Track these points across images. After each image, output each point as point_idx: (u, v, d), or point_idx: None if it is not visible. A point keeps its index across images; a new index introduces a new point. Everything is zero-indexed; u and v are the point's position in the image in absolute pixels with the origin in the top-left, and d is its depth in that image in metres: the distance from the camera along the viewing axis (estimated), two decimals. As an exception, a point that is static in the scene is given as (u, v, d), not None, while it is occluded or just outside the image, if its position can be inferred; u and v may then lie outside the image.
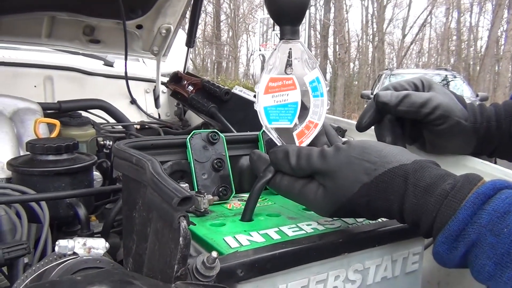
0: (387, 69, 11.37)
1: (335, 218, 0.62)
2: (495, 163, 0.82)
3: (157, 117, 1.67)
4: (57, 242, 0.54)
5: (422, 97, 0.72)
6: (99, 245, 0.55)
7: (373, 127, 0.78)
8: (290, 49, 0.62)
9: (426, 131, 0.76)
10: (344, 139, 1.07)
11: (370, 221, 0.62)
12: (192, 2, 1.50)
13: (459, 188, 0.47)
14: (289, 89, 0.62)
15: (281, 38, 0.63)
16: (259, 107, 0.62)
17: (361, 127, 0.76)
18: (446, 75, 8.72)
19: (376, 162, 0.52)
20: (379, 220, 0.62)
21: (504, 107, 0.77)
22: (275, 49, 0.63)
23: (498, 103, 0.79)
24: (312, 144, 0.62)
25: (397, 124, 0.76)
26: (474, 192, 0.46)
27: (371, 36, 23.38)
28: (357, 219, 0.63)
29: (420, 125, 0.76)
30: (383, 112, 0.74)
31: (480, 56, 21.69)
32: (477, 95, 7.93)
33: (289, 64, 0.62)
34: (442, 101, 0.72)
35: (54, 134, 1.06)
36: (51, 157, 0.82)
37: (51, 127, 1.09)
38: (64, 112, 1.26)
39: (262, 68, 0.61)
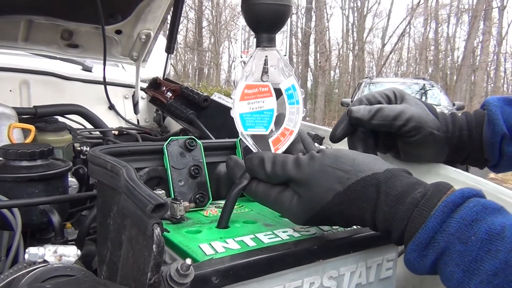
0: (367, 77, 11.52)
1: (310, 226, 0.63)
2: (467, 170, 0.83)
3: (136, 123, 1.66)
4: (27, 250, 0.53)
5: (395, 110, 0.73)
6: (70, 253, 0.54)
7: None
8: (266, 56, 0.63)
9: (400, 142, 0.78)
10: (322, 147, 1.09)
11: (345, 228, 0.63)
12: (172, 8, 1.50)
13: (429, 196, 0.48)
14: (265, 96, 0.63)
15: (257, 46, 0.64)
16: (235, 114, 0.63)
17: (334, 139, 0.77)
18: (424, 84, 8.88)
19: (349, 171, 0.53)
20: (354, 227, 0.62)
21: (475, 116, 0.79)
22: (251, 56, 0.63)
23: (469, 112, 0.81)
24: (288, 151, 0.63)
25: (370, 135, 0.77)
26: (444, 200, 0.47)
27: (351, 45, 23.71)
28: (332, 226, 0.63)
29: (394, 136, 0.78)
30: (357, 125, 0.76)
31: (457, 66, 22.20)
32: (453, 104, 8.10)
33: (265, 71, 0.63)
34: (415, 113, 0.73)
35: (28, 140, 1.04)
36: (24, 163, 0.80)
37: (26, 132, 1.07)
38: (40, 117, 1.24)
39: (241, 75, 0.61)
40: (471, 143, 0.78)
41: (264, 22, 0.62)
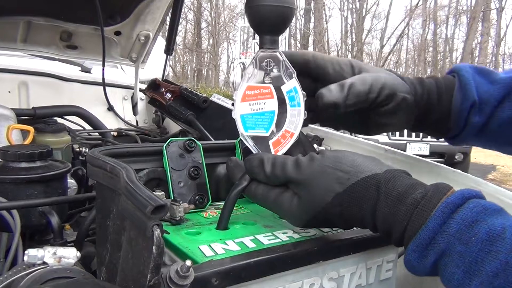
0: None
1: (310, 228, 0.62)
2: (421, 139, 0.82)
3: (135, 124, 1.66)
4: (26, 252, 0.53)
5: (366, 82, 0.66)
6: (69, 255, 0.54)
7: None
8: (269, 58, 0.63)
9: (372, 112, 0.71)
10: (321, 148, 1.09)
11: (345, 230, 0.63)
12: (171, 10, 1.50)
13: (429, 197, 0.48)
14: (266, 97, 0.63)
15: (260, 47, 0.64)
16: (236, 115, 0.63)
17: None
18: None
19: (349, 172, 0.53)
20: (353, 228, 0.62)
21: (444, 82, 0.73)
22: (253, 58, 0.63)
23: (437, 77, 0.76)
24: (288, 153, 0.62)
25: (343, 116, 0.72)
26: (444, 201, 0.47)
27: (350, 46, 23.75)
28: (332, 228, 0.63)
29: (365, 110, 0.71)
30: (330, 110, 0.66)
31: (455, 68, 22.15)
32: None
33: (267, 73, 0.63)
34: (386, 80, 0.68)
35: (27, 141, 1.04)
36: (23, 164, 0.80)
37: (25, 133, 1.07)
38: (39, 119, 1.24)
39: (242, 76, 0.61)
40: (439, 108, 0.73)
41: (268, 23, 0.62)
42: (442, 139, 0.79)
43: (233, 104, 0.65)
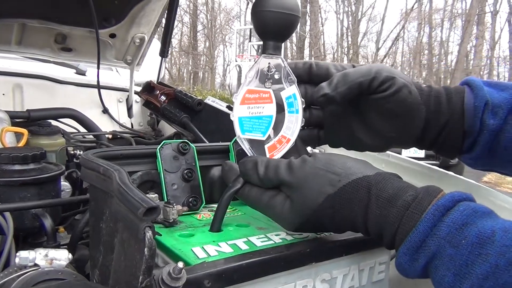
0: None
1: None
2: (438, 159, 0.79)
3: (130, 126, 1.65)
4: (17, 254, 0.52)
5: (359, 70, 0.63)
6: (61, 256, 0.54)
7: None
8: (270, 63, 0.63)
9: (369, 110, 0.65)
10: (315, 151, 1.09)
11: (337, 233, 0.63)
12: (166, 12, 1.50)
13: (420, 200, 0.49)
14: (265, 102, 0.63)
15: (263, 52, 0.64)
16: (234, 117, 0.63)
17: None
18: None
19: (340, 174, 0.53)
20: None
21: (453, 88, 0.67)
22: (255, 62, 0.64)
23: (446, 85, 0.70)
24: (283, 158, 0.63)
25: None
26: (434, 204, 0.48)
27: (346, 49, 23.83)
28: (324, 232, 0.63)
29: (360, 108, 0.66)
30: (326, 104, 0.64)
31: (450, 70, 22.36)
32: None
33: (268, 78, 0.63)
34: (383, 66, 0.63)
35: (21, 143, 1.03)
36: (17, 167, 0.80)
37: (18, 136, 1.06)
38: (33, 121, 1.24)
39: (239, 79, 0.62)
40: (450, 109, 0.65)
41: (272, 29, 0.62)
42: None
43: (227, 107, 0.65)
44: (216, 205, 0.64)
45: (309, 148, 1.06)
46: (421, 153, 6.59)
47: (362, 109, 0.66)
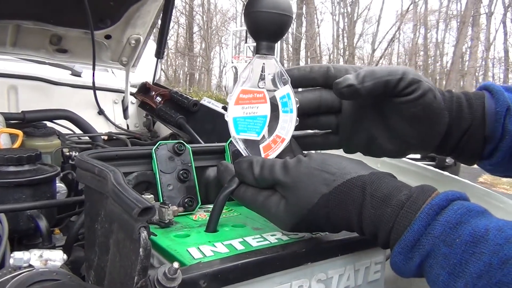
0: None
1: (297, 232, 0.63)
2: (455, 165, 0.79)
3: (126, 128, 1.65)
4: (12, 255, 0.52)
5: (385, 68, 0.62)
6: (56, 257, 0.54)
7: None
8: (264, 64, 0.63)
9: (393, 112, 0.64)
10: (310, 152, 1.09)
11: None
12: (162, 13, 1.50)
13: (414, 199, 0.49)
14: (259, 102, 0.63)
15: (256, 52, 0.64)
16: (228, 117, 0.63)
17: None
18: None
19: (335, 173, 0.53)
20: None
21: (473, 94, 0.66)
22: (249, 63, 0.64)
23: (465, 91, 0.69)
24: (278, 158, 0.63)
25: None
26: (428, 203, 0.48)
27: (342, 50, 23.89)
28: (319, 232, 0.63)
29: (384, 110, 0.65)
30: (347, 97, 0.63)
31: (446, 71, 22.46)
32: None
33: (261, 78, 0.63)
34: (409, 68, 0.62)
35: (16, 145, 1.03)
36: (12, 168, 0.79)
37: (13, 137, 1.06)
38: (28, 123, 1.23)
39: (235, 80, 0.62)
40: (471, 115, 0.64)
41: (265, 30, 0.62)
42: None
43: (223, 108, 0.65)
44: (211, 206, 0.64)
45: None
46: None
47: (384, 112, 0.65)
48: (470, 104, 0.64)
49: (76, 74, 1.88)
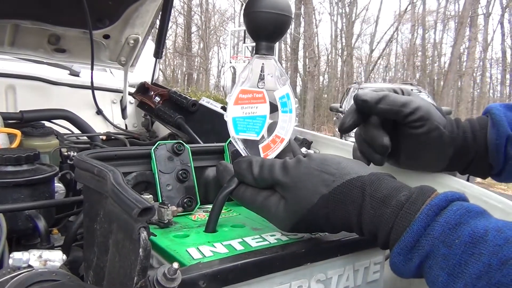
0: (355, 83, 11.60)
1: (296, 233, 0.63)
2: (468, 180, 0.82)
3: (124, 128, 1.65)
4: (11, 255, 0.52)
5: (402, 98, 0.69)
6: (55, 258, 0.53)
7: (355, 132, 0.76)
8: (263, 64, 0.63)
9: (404, 136, 0.72)
10: (309, 151, 1.09)
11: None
12: (160, 13, 1.50)
13: (414, 200, 0.49)
14: (258, 102, 0.63)
15: (256, 53, 0.64)
16: (228, 117, 0.63)
17: (343, 128, 0.73)
18: (411, 90, 8.95)
19: (334, 174, 0.54)
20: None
21: (478, 121, 0.75)
22: (248, 63, 0.64)
23: (472, 118, 0.77)
24: (277, 157, 0.63)
25: (380, 125, 0.72)
26: (428, 204, 0.48)
27: (340, 51, 23.90)
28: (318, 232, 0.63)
29: (398, 130, 0.72)
30: (364, 111, 0.71)
31: (443, 72, 22.49)
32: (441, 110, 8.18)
33: (261, 78, 0.63)
34: (423, 104, 0.70)
35: (14, 145, 1.03)
36: (10, 168, 0.79)
37: (11, 137, 1.06)
38: (26, 122, 1.23)
39: (233, 80, 0.62)
40: (475, 147, 0.73)
41: (264, 30, 0.63)
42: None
43: (222, 108, 0.66)
44: (211, 206, 0.64)
45: (303, 149, 1.06)
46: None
47: (400, 130, 0.72)
48: (475, 137, 0.73)
49: (75, 74, 1.88)
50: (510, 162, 0.72)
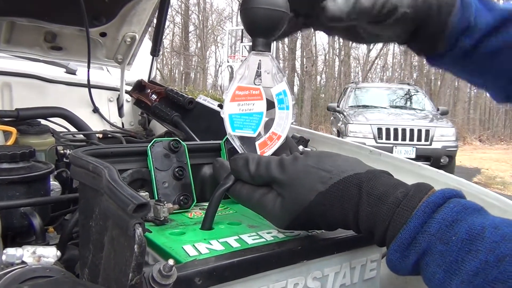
0: (352, 82, 11.60)
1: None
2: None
3: (121, 126, 1.64)
4: (4, 251, 0.52)
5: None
6: (49, 254, 0.53)
7: None
8: (260, 60, 0.63)
9: (368, 25, 0.69)
10: (306, 149, 1.09)
11: (328, 231, 0.63)
12: (157, 11, 1.49)
13: (411, 197, 0.49)
14: (255, 99, 0.63)
15: (252, 49, 0.64)
16: (224, 114, 0.63)
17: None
18: (409, 89, 8.99)
19: (331, 171, 0.53)
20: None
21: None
22: (245, 59, 0.64)
23: None
24: (274, 155, 0.63)
25: None
26: (425, 201, 0.48)
27: (337, 50, 23.91)
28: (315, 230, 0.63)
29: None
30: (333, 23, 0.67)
31: (440, 72, 22.51)
32: (437, 109, 8.21)
33: (257, 75, 0.63)
34: None
35: (10, 142, 1.02)
36: (5, 165, 0.79)
37: (7, 135, 1.05)
38: (22, 120, 1.22)
39: (230, 80, 0.61)
40: (436, 22, 0.68)
41: (261, 26, 0.62)
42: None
43: (219, 106, 0.65)
44: (207, 204, 0.64)
45: (300, 147, 1.06)
46: (412, 153, 6.64)
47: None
48: (439, 13, 0.68)
49: (71, 71, 1.87)
50: (456, 49, 0.69)
